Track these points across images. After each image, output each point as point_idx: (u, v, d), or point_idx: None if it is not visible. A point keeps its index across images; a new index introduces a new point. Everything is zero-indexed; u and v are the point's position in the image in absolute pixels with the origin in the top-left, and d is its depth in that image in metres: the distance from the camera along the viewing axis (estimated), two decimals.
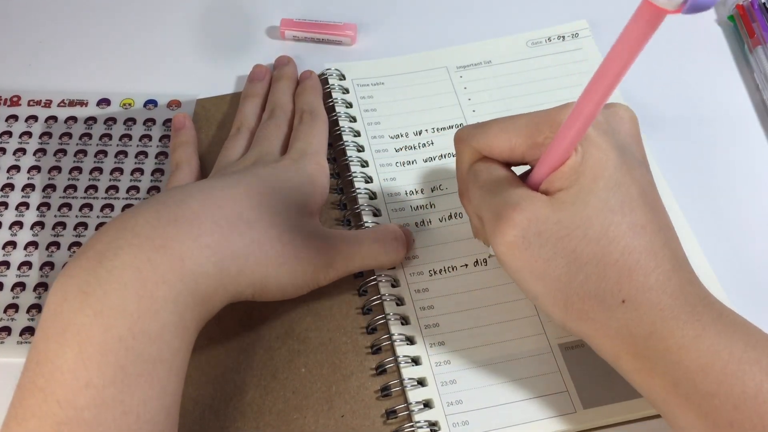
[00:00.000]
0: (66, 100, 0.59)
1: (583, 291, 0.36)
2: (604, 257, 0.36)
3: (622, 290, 0.36)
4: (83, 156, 0.56)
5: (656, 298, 0.35)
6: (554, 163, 0.37)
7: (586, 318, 0.37)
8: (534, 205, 0.37)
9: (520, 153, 0.39)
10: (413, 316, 0.48)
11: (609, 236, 0.36)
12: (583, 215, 0.36)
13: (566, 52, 0.59)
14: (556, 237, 0.36)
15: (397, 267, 0.50)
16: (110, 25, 0.64)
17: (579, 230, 0.36)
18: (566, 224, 0.36)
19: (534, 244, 0.37)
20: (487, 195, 0.39)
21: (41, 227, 0.53)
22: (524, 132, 0.39)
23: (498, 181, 0.40)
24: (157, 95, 0.59)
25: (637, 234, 0.36)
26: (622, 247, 0.36)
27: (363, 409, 0.45)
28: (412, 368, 0.46)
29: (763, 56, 0.58)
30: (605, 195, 0.36)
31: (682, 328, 0.35)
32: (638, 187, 0.37)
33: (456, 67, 0.59)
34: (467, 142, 0.42)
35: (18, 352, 0.48)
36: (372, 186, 0.53)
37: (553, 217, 0.36)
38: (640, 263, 0.36)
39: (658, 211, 0.38)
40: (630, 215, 0.36)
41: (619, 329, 0.36)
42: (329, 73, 0.58)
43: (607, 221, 0.36)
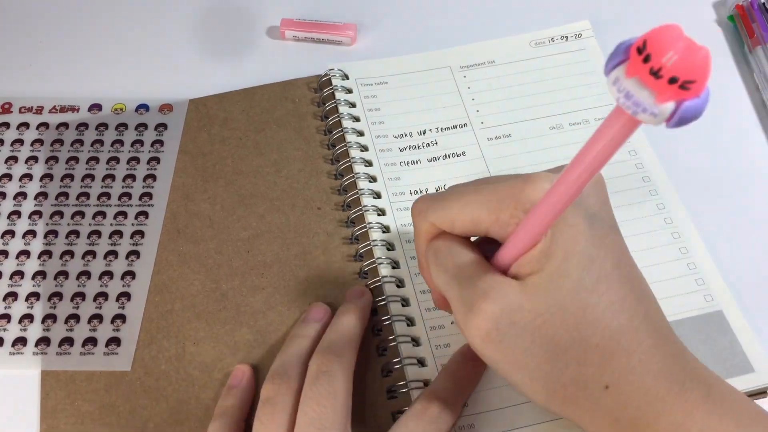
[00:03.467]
0: (57, 106, 0.60)
1: (565, 378, 0.35)
2: (583, 342, 0.34)
3: (605, 375, 0.34)
4: (75, 163, 0.57)
5: (639, 381, 0.34)
6: (523, 247, 0.35)
7: (570, 404, 0.35)
8: (505, 294, 0.35)
9: (483, 228, 0.37)
10: (419, 317, 0.48)
11: (587, 320, 0.34)
12: (558, 300, 0.34)
13: (569, 53, 0.60)
14: (532, 326, 0.35)
15: (402, 267, 0.50)
16: (108, 27, 0.65)
17: (555, 316, 0.34)
18: (541, 311, 0.34)
19: (509, 335, 0.35)
20: (453, 281, 0.37)
21: (33, 236, 0.53)
22: (487, 207, 0.37)
23: (463, 266, 0.38)
24: (149, 99, 0.60)
25: (615, 312, 0.34)
26: (602, 329, 0.34)
27: (370, 410, 0.45)
28: (418, 369, 0.46)
29: (763, 56, 0.59)
30: (579, 274, 0.34)
31: (669, 413, 0.34)
32: (612, 259, 0.35)
33: (459, 66, 0.60)
34: (425, 217, 0.40)
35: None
36: (376, 186, 0.53)
37: (526, 305, 0.35)
38: (621, 344, 0.34)
39: (635, 281, 0.36)
40: (607, 293, 0.34)
41: (604, 414, 0.35)
42: (332, 74, 0.59)
43: (583, 303, 0.34)
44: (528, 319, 0.35)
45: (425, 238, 0.40)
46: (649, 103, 0.24)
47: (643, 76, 0.24)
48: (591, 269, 0.35)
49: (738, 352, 0.46)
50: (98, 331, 0.49)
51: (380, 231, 0.51)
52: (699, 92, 0.24)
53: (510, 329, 0.35)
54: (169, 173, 0.56)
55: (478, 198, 0.37)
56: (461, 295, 0.37)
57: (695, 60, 0.23)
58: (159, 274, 0.51)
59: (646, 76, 0.24)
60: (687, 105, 0.24)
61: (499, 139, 0.56)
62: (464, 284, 0.37)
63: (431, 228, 0.40)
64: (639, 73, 0.24)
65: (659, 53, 0.24)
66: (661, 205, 0.52)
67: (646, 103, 0.24)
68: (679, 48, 0.23)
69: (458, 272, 0.37)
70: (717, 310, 0.48)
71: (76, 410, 0.46)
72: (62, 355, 0.48)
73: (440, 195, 0.39)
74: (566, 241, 0.35)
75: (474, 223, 0.37)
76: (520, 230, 0.35)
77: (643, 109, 0.25)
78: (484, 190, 0.37)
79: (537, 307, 0.35)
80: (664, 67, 0.23)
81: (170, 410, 0.46)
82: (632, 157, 0.54)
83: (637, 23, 0.63)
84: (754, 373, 0.45)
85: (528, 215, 0.34)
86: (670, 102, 0.24)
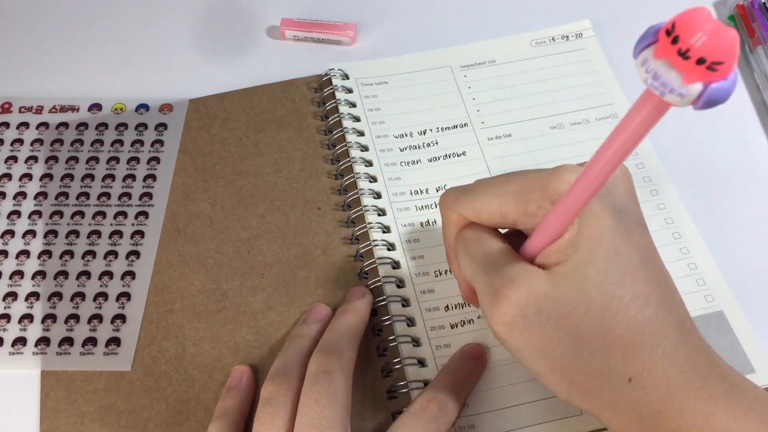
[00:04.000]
0: (57, 106, 0.60)
1: (588, 369, 0.35)
2: (608, 334, 0.34)
3: (628, 368, 0.34)
4: (75, 163, 0.57)
5: (664, 374, 0.34)
6: (550, 237, 0.35)
7: (593, 396, 0.36)
8: (531, 282, 0.35)
9: (511, 220, 0.38)
10: (419, 317, 0.48)
11: (612, 311, 0.34)
12: (584, 290, 0.35)
13: (570, 52, 0.60)
14: (557, 315, 0.35)
15: (402, 268, 0.50)
16: (108, 27, 0.65)
17: (580, 306, 0.35)
18: (566, 301, 0.35)
19: (534, 323, 0.35)
20: (480, 269, 0.38)
21: (33, 235, 0.53)
22: (515, 199, 0.37)
23: (491, 254, 0.38)
24: (149, 99, 0.60)
25: (640, 306, 0.34)
26: (626, 322, 0.34)
27: (370, 412, 0.45)
28: (418, 370, 0.46)
29: (764, 56, 0.59)
30: (605, 267, 0.35)
31: (693, 407, 0.34)
32: (639, 254, 0.36)
33: (460, 66, 0.60)
34: (454, 208, 0.40)
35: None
36: (376, 186, 0.54)
37: (552, 294, 0.35)
38: (646, 337, 0.34)
39: (661, 276, 0.36)
40: (632, 286, 0.35)
41: (627, 408, 0.35)
42: (332, 74, 0.59)
43: (609, 295, 0.34)
44: (553, 307, 0.35)
45: (454, 229, 0.41)
46: (677, 83, 0.24)
47: (671, 56, 0.24)
48: (617, 262, 0.35)
49: (739, 352, 0.46)
50: (98, 331, 0.49)
51: (380, 231, 0.51)
52: (727, 74, 0.24)
53: (535, 317, 0.35)
54: (169, 173, 0.56)
55: (506, 189, 0.38)
56: (488, 282, 0.37)
57: (723, 42, 0.24)
58: (159, 274, 0.51)
59: (674, 56, 0.24)
60: (714, 87, 0.24)
61: (500, 138, 0.56)
62: (491, 272, 0.37)
63: (460, 219, 0.40)
64: (667, 54, 0.24)
65: (687, 34, 0.24)
66: (662, 205, 0.52)
67: (674, 83, 0.24)
68: (708, 30, 0.24)
69: (486, 260, 0.38)
70: (718, 310, 0.48)
71: (77, 410, 0.46)
72: (62, 355, 0.48)
73: (468, 187, 0.40)
74: (593, 233, 0.35)
75: (502, 214, 0.38)
76: (546, 220, 0.35)
77: (670, 90, 0.25)
78: (511, 182, 0.38)
79: (562, 296, 0.35)
80: (692, 48, 0.24)
81: (170, 410, 0.46)
82: (633, 157, 0.54)
83: (637, 23, 0.63)
84: (755, 373, 0.45)
85: (555, 205, 0.34)
86: (697, 83, 0.24)
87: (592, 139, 0.55)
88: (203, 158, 0.57)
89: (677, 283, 0.48)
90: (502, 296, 0.36)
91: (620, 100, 0.57)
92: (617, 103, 0.57)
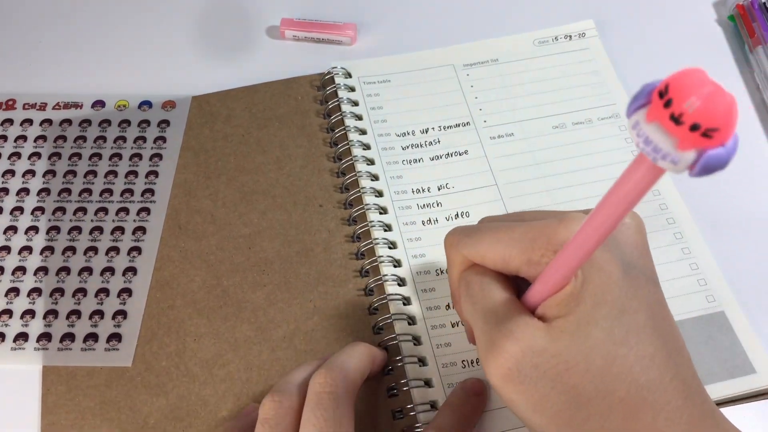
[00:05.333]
0: (61, 103, 0.60)
1: (585, 429, 0.33)
2: (608, 395, 0.33)
3: (628, 431, 0.33)
4: (77, 159, 0.57)
5: None
6: (552, 288, 0.34)
7: None
8: (530, 335, 0.34)
9: (514, 267, 0.36)
10: (420, 316, 0.48)
11: (613, 372, 0.33)
12: (584, 348, 0.33)
13: (573, 52, 0.60)
14: (554, 371, 0.33)
15: (404, 266, 0.50)
16: (112, 26, 0.66)
17: (580, 365, 0.33)
18: (565, 358, 0.33)
19: (530, 377, 0.34)
20: (480, 316, 0.37)
21: (35, 231, 0.54)
22: (519, 246, 0.35)
23: (492, 302, 0.37)
24: (152, 96, 0.60)
25: (644, 367, 0.33)
26: (628, 384, 0.33)
27: (369, 409, 0.46)
28: (419, 368, 0.46)
29: (764, 56, 0.59)
30: (608, 324, 0.33)
31: None
32: (645, 312, 0.34)
33: (463, 65, 0.60)
34: (457, 249, 0.39)
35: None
36: (378, 184, 0.54)
37: (550, 349, 0.33)
38: (648, 401, 0.32)
39: (669, 335, 0.35)
40: (636, 347, 0.33)
41: None
42: (335, 72, 0.59)
43: (611, 355, 0.33)
44: (551, 364, 0.33)
45: (458, 269, 0.40)
46: (670, 149, 0.23)
47: (663, 121, 0.23)
48: (622, 320, 0.33)
49: (739, 352, 0.46)
50: (99, 327, 0.50)
51: (382, 230, 0.52)
52: (723, 141, 0.22)
53: (531, 372, 0.34)
54: (172, 170, 0.56)
55: (511, 236, 0.36)
56: (486, 331, 0.36)
57: (719, 107, 0.22)
58: (160, 270, 0.52)
59: (666, 121, 0.23)
60: (710, 154, 0.23)
61: (502, 138, 0.56)
62: (490, 321, 0.36)
63: (464, 260, 0.39)
64: (659, 119, 0.23)
65: (681, 98, 0.22)
66: (664, 206, 0.52)
67: (666, 149, 0.23)
68: (702, 93, 0.22)
69: (486, 308, 0.36)
70: (719, 310, 0.48)
71: (77, 406, 0.47)
72: (63, 350, 0.49)
73: (473, 228, 0.39)
74: (597, 288, 0.33)
75: (504, 261, 0.36)
76: (548, 270, 0.34)
77: (663, 156, 0.23)
78: (516, 228, 0.36)
79: (561, 353, 0.33)
80: (685, 113, 0.22)
81: (170, 406, 0.46)
82: (634, 157, 0.54)
83: (640, 23, 0.64)
84: (756, 374, 0.46)
85: (556, 255, 0.33)
86: (691, 150, 0.23)
87: (595, 138, 0.55)
88: (205, 155, 0.57)
89: (679, 284, 0.48)
90: (499, 348, 0.34)
91: (623, 100, 0.57)
92: (620, 103, 0.57)
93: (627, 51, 0.61)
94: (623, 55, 0.60)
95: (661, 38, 0.63)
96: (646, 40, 0.62)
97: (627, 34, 0.63)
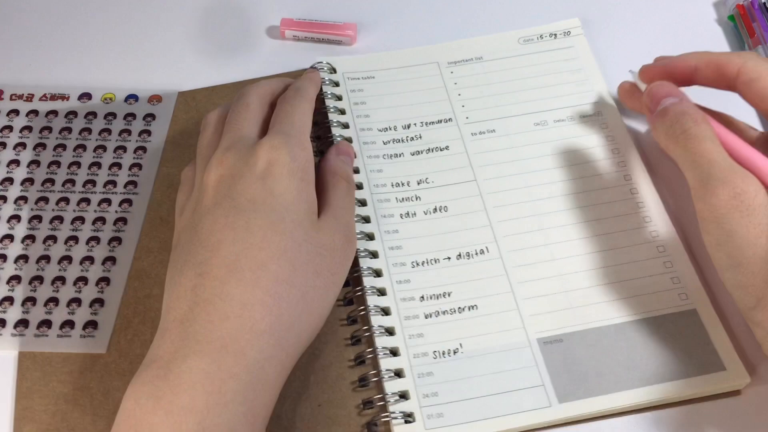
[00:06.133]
0: (48, 95, 0.61)
1: None
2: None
3: None
4: (62, 150, 0.58)
5: None
6: None
7: None
8: None
9: None
10: (394, 307, 0.49)
11: None
12: None
13: (557, 50, 0.61)
14: None
15: (380, 258, 0.50)
16: (110, 25, 0.66)
17: None
18: None
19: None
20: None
21: (18, 220, 0.54)
22: None
23: None
24: (139, 90, 0.61)
25: None
26: None
27: (340, 399, 0.46)
28: (390, 359, 0.47)
29: (764, 56, 0.59)
30: None
31: None
32: None
33: (447, 62, 0.60)
34: None
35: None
36: (358, 177, 0.54)
37: None
38: None
39: None
40: None
41: None
42: (320, 67, 0.60)
43: None
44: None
45: None
46: None
47: None
48: None
49: (710, 351, 0.47)
50: (76, 315, 0.50)
51: (360, 222, 0.52)
52: None
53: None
54: (155, 163, 0.57)
55: None
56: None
57: None
58: (140, 260, 0.52)
59: None
60: None
61: (483, 134, 0.56)
62: None
63: None
64: None
65: None
66: (641, 204, 0.52)
67: None
68: None
69: None
70: (691, 308, 0.48)
71: (51, 391, 0.47)
72: (40, 337, 0.49)
73: None
74: None
75: None
76: None
77: None
78: None
79: None
80: None
81: None
82: (614, 154, 0.55)
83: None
84: (726, 371, 0.46)
85: None
86: None
87: (576, 136, 0.56)
88: (190, 149, 0.57)
89: (652, 281, 0.49)
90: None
91: (605, 98, 0.58)
92: (601, 101, 0.57)
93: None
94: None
95: (658, 38, 0.63)
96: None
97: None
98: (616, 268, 0.50)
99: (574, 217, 0.52)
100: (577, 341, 0.47)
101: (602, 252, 0.51)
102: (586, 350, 0.47)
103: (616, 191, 0.53)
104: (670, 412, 0.46)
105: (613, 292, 0.49)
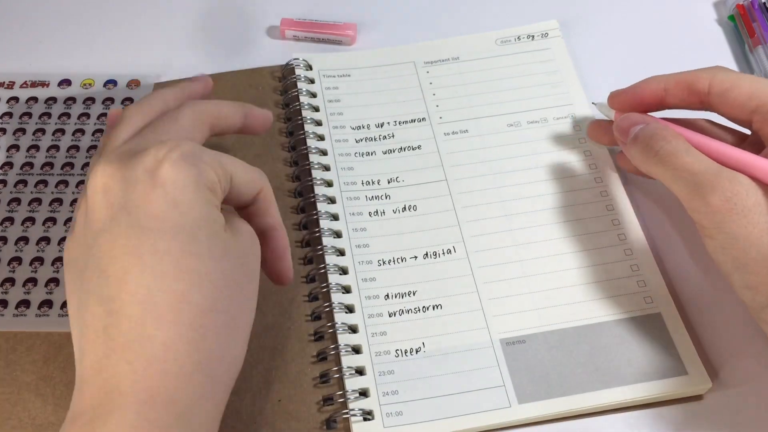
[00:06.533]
0: (28, 82, 0.61)
1: None
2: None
3: None
4: (41, 135, 0.58)
5: None
6: None
7: None
8: None
9: None
10: (358, 305, 0.49)
11: None
12: None
13: (534, 52, 0.61)
14: None
15: (347, 255, 0.51)
16: (110, 25, 0.66)
17: None
18: None
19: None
20: None
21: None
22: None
23: None
24: (118, 75, 0.61)
25: None
26: None
27: (300, 395, 0.46)
28: (352, 357, 0.47)
29: (764, 56, 0.59)
30: None
31: None
32: None
33: (423, 62, 0.61)
34: None
35: None
36: (328, 174, 0.54)
37: None
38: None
39: None
40: None
41: None
42: (296, 63, 0.60)
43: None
44: None
45: None
46: None
47: None
48: None
49: (673, 354, 0.47)
50: (54, 294, 0.51)
51: (329, 219, 0.52)
52: None
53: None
54: None
55: None
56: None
57: None
58: None
59: None
60: None
61: (456, 134, 0.57)
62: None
63: None
64: None
65: None
66: (610, 207, 0.53)
67: None
68: None
69: None
70: (656, 312, 0.49)
71: (15, 380, 0.47)
72: (18, 317, 0.50)
73: None
74: None
75: None
76: None
77: None
78: None
79: None
80: None
81: None
82: (587, 157, 0.55)
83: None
84: (687, 376, 0.46)
85: None
86: None
87: (548, 137, 0.56)
88: None
89: (618, 283, 0.49)
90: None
91: (580, 100, 0.58)
92: (576, 104, 0.58)
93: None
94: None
95: (658, 38, 0.63)
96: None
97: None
98: (582, 270, 0.50)
99: (542, 218, 0.53)
100: (540, 342, 0.48)
101: (569, 254, 0.51)
102: (549, 352, 0.47)
103: (586, 193, 0.53)
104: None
105: (579, 294, 0.49)
